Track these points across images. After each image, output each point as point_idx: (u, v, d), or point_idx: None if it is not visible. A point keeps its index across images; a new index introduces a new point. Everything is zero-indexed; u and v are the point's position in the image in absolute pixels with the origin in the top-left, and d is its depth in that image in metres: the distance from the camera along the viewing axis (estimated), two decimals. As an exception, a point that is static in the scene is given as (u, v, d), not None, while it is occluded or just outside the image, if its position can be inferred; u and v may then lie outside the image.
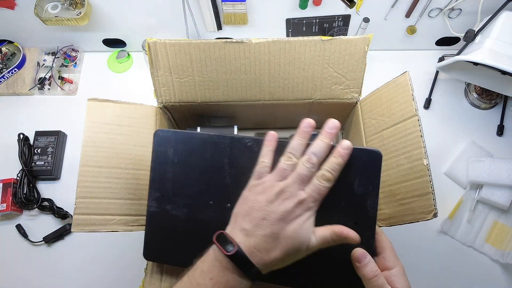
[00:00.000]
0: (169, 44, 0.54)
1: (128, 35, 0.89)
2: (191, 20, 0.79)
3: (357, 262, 0.40)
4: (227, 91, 0.58)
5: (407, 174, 0.50)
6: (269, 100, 0.60)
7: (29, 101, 0.89)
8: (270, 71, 0.56)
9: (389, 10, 0.79)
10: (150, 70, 0.56)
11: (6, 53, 0.89)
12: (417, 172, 0.48)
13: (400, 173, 0.51)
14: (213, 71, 0.56)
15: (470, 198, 0.77)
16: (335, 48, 0.55)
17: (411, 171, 0.49)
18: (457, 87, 0.89)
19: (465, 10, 0.79)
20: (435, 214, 0.46)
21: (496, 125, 0.84)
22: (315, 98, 0.59)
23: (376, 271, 0.40)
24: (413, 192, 0.49)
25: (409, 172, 0.50)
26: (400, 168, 0.51)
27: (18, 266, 0.75)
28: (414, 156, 0.49)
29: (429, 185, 0.47)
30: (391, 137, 0.53)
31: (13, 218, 0.78)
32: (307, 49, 0.54)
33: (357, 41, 0.54)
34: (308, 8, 0.78)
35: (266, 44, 0.54)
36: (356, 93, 0.59)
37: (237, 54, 0.54)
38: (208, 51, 0.54)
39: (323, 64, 0.56)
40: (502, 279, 0.73)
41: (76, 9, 0.77)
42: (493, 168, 0.75)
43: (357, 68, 0.57)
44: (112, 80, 0.91)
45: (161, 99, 0.58)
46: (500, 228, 0.75)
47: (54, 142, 0.81)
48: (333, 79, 0.57)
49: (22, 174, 0.77)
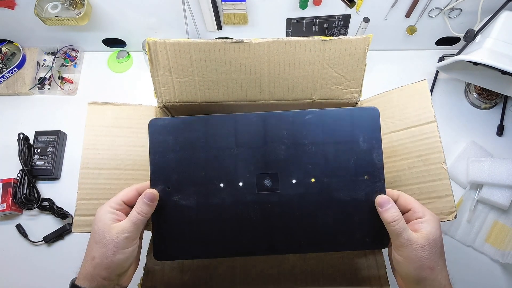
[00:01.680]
0: (169, 44, 0.54)
1: (128, 35, 0.89)
2: (191, 20, 0.79)
3: (380, 207, 0.43)
4: (227, 91, 0.58)
5: (422, 177, 0.51)
6: (269, 100, 0.60)
7: (29, 101, 0.89)
8: (270, 71, 0.56)
9: (389, 10, 0.79)
10: (150, 70, 0.56)
11: (6, 53, 0.89)
12: (435, 175, 0.50)
13: (413, 175, 0.52)
14: (213, 71, 0.56)
15: (470, 198, 0.77)
16: (335, 48, 0.55)
17: (427, 174, 0.50)
18: (457, 87, 0.89)
19: (465, 10, 0.79)
20: (456, 216, 0.48)
21: (496, 125, 0.84)
22: (315, 98, 0.59)
23: (397, 216, 0.41)
24: (428, 194, 0.50)
25: (424, 174, 0.50)
26: (414, 170, 0.51)
27: (18, 266, 0.75)
28: (432, 160, 0.50)
29: (449, 188, 0.49)
30: (402, 140, 0.54)
31: (13, 218, 0.78)
32: (307, 49, 0.55)
33: (357, 41, 0.54)
34: (308, 8, 0.78)
35: (266, 44, 0.54)
36: (356, 93, 0.59)
37: (237, 54, 0.55)
38: (208, 51, 0.54)
39: (323, 64, 0.56)
40: (502, 279, 0.73)
41: (76, 9, 0.77)
42: (493, 168, 0.75)
43: (357, 68, 0.57)
44: (112, 80, 0.91)
45: (161, 99, 0.58)
46: (500, 228, 0.75)
47: (54, 142, 0.81)
48: (333, 79, 0.57)
49: (22, 174, 0.77)
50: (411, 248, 0.40)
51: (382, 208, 0.43)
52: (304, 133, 0.46)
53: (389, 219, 0.42)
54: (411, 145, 0.52)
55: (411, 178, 0.51)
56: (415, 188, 0.51)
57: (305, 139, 0.45)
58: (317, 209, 0.45)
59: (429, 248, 0.40)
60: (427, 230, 0.41)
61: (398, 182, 0.52)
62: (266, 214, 0.45)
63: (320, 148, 0.45)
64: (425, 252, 0.40)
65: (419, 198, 0.50)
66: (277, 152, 0.45)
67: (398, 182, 0.52)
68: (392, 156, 0.53)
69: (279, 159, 0.45)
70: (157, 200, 0.44)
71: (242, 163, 0.45)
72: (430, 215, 0.42)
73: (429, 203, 0.49)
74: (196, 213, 0.45)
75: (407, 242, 0.40)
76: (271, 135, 0.45)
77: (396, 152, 0.53)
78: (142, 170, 0.53)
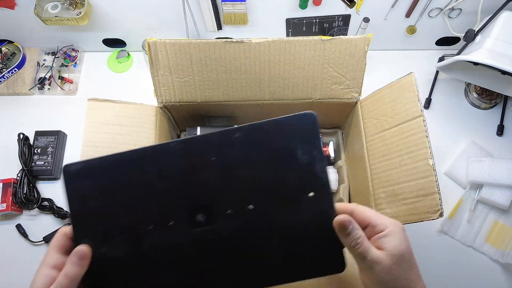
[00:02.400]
0: (169, 44, 0.54)
1: (128, 35, 0.89)
2: (191, 20, 0.79)
3: (341, 230, 0.37)
4: (227, 90, 0.58)
5: (410, 174, 0.50)
6: (269, 99, 0.60)
7: (29, 101, 0.89)
8: (270, 71, 0.56)
9: (389, 10, 0.79)
10: (150, 70, 0.56)
11: (6, 53, 0.89)
12: (422, 172, 0.49)
13: (403, 173, 0.51)
14: (213, 70, 0.56)
15: (470, 198, 0.77)
16: (335, 48, 0.55)
17: (416, 171, 0.49)
18: (457, 87, 0.89)
19: (465, 10, 0.79)
20: (441, 214, 0.46)
21: (496, 125, 0.84)
22: (315, 98, 0.59)
23: (359, 238, 0.36)
24: (417, 192, 0.49)
25: (413, 172, 0.50)
26: (404, 168, 0.51)
27: (18, 266, 0.75)
28: (419, 156, 0.49)
29: (435, 185, 0.47)
30: (394, 137, 0.53)
31: (13, 218, 0.78)
32: (307, 48, 0.55)
33: (357, 41, 0.54)
34: (308, 8, 0.78)
35: (266, 44, 0.54)
36: (356, 92, 0.59)
37: (237, 54, 0.55)
38: (208, 51, 0.54)
39: (323, 64, 0.56)
40: (502, 279, 0.73)
41: (76, 9, 0.77)
42: (493, 168, 0.75)
43: (357, 68, 0.57)
44: (112, 80, 0.91)
45: (161, 99, 0.58)
46: (500, 228, 0.75)
47: (54, 142, 0.81)
48: (333, 79, 0.57)
49: (22, 174, 0.77)
50: (378, 270, 0.35)
51: (345, 232, 0.36)
52: (234, 155, 0.40)
53: (352, 243, 0.36)
54: (401, 142, 0.52)
55: (402, 176, 0.51)
56: (405, 186, 0.50)
57: (236, 161, 0.40)
58: (260, 239, 0.40)
59: (397, 266, 0.35)
60: (391, 245, 0.36)
61: (392, 181, 0.52)
62: (203, 253, 0.40)
63: (254, 169, 0.40)
64: (394, 272, 0.35)
65: (408, 197, 0.49)
66: (207, 181, 0.40)
67: (392, 181, 0.52)
68: (386, 155, 0.53)
69: (211, 189, 0.40)
70: (89, 257, 0.38)
71: (169, 199, 0.39)
72: (392, 225, 0.37)
73: (417, 201, 0.49)
74: (127, 264, 0.40)
75: (373, 264, 0.35)
76: (197, 162, 0.40)
77: (389, 150, 0.53)
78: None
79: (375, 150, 0.56)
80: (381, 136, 0.55)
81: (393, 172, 0.52)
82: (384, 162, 0.53)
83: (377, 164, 0.55)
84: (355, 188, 0.63)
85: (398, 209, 0.51)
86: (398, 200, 0.51)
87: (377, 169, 0.55)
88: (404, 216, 0.50)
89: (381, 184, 0.54)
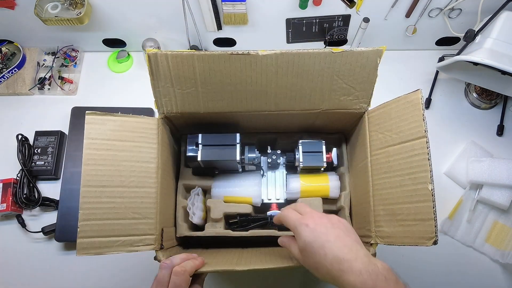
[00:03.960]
0: (171, 56, 0.52)
1: (128, 35, 0.89)
2: (191, 20, 0.79)
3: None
4: (231, 102, 0.56)
5: (410, 196, 0.49)
6: (274, 110, 0.58)
7: (29, 101, 0.88)
8: (277, 83, 0.54)
9: (389, 10, 0.79)
10: (150, 82, 0.54)
11: (6, 53, 0.89)
12: (421, 196, 0.47)
13: (403, 193, 0.50)
14: (217, 82, 0.54)
15: (470, 198, 0.77)
16: (346, 60, 0.53)
17: (415, 194, 0.48)
18: (457, 87, 0.89)
19: (465, 10, 0.79)
20: (435, 242, 0.46)
21: (496, 125, 0.84)
22: (322, 108, 0.58)
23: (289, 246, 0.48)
24: (415, 215, 0.48)
25: (412, 194, 0.49)
26: (404, 189, 0.50)
27: (18, 266, 0.75)
28: (419, 179, 0.48)
29: (432, 211, 0.46)
30: (397, 155, 0.52)
31: (13, 218, 0.77)
32: (317, 61, 0.53)
33: (369, 53, 0.52)
34: (308, 8, 0.78)
35: (274, 56, 0.51)
36: (365, 103, 0.57)
37: (243, 66, 0.53)
38: (212, 63, 0.52)
39: (332, 76, 0.54)
40: (502, 279, 0.73)
41: (76, 9, 0.77)
42: (493, 168, 0.75)
43: (367, 79, 0.55)
44: (112, 80, 0.91)
45: (162, 110, 0.57)
46: (500, 228, 0.75)
47: (54, 142, 0.81)
48: (342, 90, 0.55)
49: (21, 174, 0.77)
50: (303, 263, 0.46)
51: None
52: None
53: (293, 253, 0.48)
54: (403, 161, 0.51)
55: (402, 197, 0.50)
56: (404, 207, 0.49)
57: None
58: None
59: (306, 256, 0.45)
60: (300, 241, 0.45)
61: (391, 200, 0.51)
62: None
63: None
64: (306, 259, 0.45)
65: (405, 219, 0.49)
66: None
67: (392, 199, 0.51)
68: (388, 172, 0.52)
69: None
70: None
71: None
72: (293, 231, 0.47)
73: (414, 224, 0.48)
74: None
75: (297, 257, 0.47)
76: None
77: (391, 168, 0.52)
78: (147, 188, 0.52)
79: (379, 166, 0.55)
80: (385, 152, 0.54)
81: (394, 191, 0.51)
82: (386, 180, 0.52)
83: (379, 180, 0.54)
84: (357, 198, 0.62)
85: (395, 229, 0.51)
86: (396, 220, 0.51)
87: (379, 185, 0.54)
88: (400, 238, 0.50)
89: (382, 202, 0.53)
